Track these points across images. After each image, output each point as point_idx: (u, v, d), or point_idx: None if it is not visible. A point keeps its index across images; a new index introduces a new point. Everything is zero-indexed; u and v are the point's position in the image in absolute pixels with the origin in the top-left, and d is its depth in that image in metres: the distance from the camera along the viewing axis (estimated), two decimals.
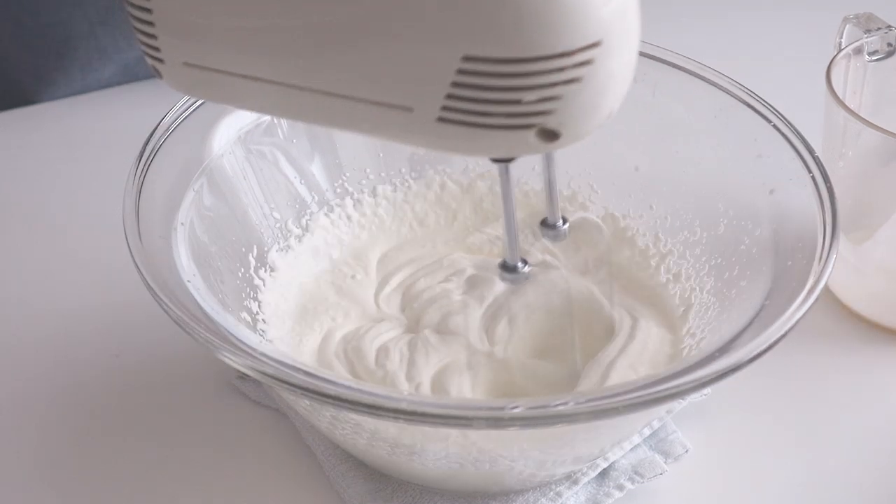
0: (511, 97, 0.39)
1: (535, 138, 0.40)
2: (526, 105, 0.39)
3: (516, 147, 0.41)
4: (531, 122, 0.40)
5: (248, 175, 0.60)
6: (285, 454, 0.58)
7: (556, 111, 0.40)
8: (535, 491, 0.56)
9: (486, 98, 0.40)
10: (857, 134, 0.60)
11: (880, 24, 0.64)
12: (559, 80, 0.39)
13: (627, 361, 0.56)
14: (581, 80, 0.39)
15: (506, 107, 0.40)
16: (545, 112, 0.40)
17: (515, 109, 0.40)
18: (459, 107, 0.40)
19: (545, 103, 0.39)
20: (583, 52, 0.39)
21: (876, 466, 0.58)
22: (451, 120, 0.40)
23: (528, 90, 0.39)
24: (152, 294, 0.48)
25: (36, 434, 0.60)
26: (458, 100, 0.40)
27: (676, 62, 0.61)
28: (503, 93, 0.39)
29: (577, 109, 0.40)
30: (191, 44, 0.44)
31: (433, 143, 0.42)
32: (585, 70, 0.39)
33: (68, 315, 0.66)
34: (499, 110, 0.40)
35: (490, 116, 0.40)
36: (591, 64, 0.39)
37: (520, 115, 0.40)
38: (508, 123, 0.40)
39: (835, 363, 0.64)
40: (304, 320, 0.60)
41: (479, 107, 0.40)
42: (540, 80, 0.39)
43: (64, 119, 0.83)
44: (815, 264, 0.50)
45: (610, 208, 0.65)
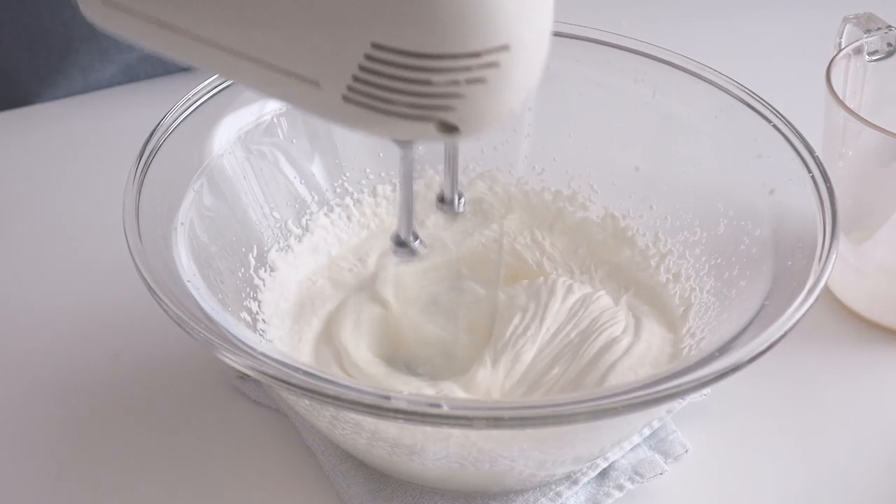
0: (414, 89, 0.40)
1: (433, 129, 0.41)
2: (428, 98, 0.40)
3: (415, 134, 0.42)
4: (432, 115, 0.41)
5: (248, 175, 0.60)
6: (285, 454, 0.58)
7: (457, 108, 0.41)
8: (535, 491, 0.56)
9: (390, 86, 0.40)
10: (857, 134, 0.60)
11: (880, 24, 0.64)
12: (464, 78, 0.40)
13: (629, 363, 0.56)
14: (485, 80, 0.40)
15: (408, 97, 0.40)
16: (446, 108, 0.41)
17: (417, 101, 0.41)
18: (364, 90, 0.41)
19: (447, 99, 0.40)
20: (490, 55, 0.39)
21: (876, 466, 0.58)
22: (355, 101, 0.41)
23: (431, 84, 0.40)
24: (152, 294, 0.48)
25: (36, 434, 0.60)
26: (364, 83, 0.41)
27: (676, 62, 0.61)
28: (407, 84, 0.40)
29: (478, 107, 0.41)
30: None
31: (337, 120, 0.43)
32: (490, 72, 0.40)
33: (68, 315, 0.66)
34: (401, 99, 0.41)
35: (392, 104, 0.41)
36: (497, 66, 0.40)
37: (421, 108, 0.41)
38: (410, 113, 0.41)
39: (835, 363, 0.64)
40: (302, 317, 0.60)
41: (382, 93, 0.41)
42: (444, 77, 0.40)
43: (64, 119, 0.83)
44: (815, 264, 0.50)
45: (610, 208, 0.65)
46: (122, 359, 0.63)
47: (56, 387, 0.62)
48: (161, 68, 0.85)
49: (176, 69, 0.84)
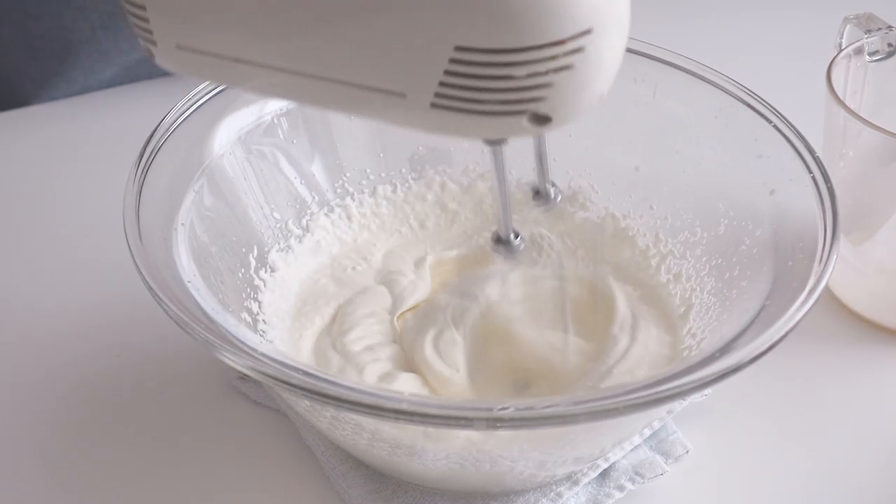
0: (503, 85, 0.40)
1: (527, 123, 0.41)
2: (518, 92, 0.40)
3: (508, 131, 0.42)
4: (523, 109, 0.41)
5: (249, 175, 0.60)
6: (285, 454, 0.58)
7: (548, 97, 0.40)
8: (536, 491, 0.56)
9: (478, 86, 0.40)
10: (857, 134, 0.60)
11: (880, 24, 0.64)
12: (551, 68, 0.40)
13: (627, 366, 0.56)
14: (572, 67, 0.40)
15: (498, 94, 0.40)
16: (537, 99, 0.40)
17: (507, 97, 0.40)
18: (452, 94, 0.41)
19: (537, 90, 0.40)
20: (574, 41, 0.39)
21: (876, 466, 0.58)
22: (443, 106, 0.41)
23: (519, 78, 0.40)
24: (152, 294, 0.48)
25: (36, 433, 0.60)
26: (451, 87, 0.40)
27: (676, 62, 0.61)
28: (495, 81, 0.40)
29: (568, 95, 0.41)
30: (183, 25, 0.44)
31: (427, 128, 0.43)
32: (576, 57, 0.40)
33: (68, 315, 0.66)
34: (491, 98, 0.40)
35: (482, 104, 0.40)
36: (582, 51, 0.40)
37: (512, 102, 0.40)
38: (501, 110, 0.41)
39: (835, 363, 0.64)
40: (302, 318, 0.60)
41: (471, 94, 0.40)
42: (532, 69, 0.39)
43: (64, 119, 0.83)
44: (816, 265, 0.50)
45: (610, 208, 0.65)
46: (122, 359, 0.63)
47: (56, 387, 0.62)
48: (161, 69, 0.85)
49: None
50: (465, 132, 0.43)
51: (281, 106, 0.61)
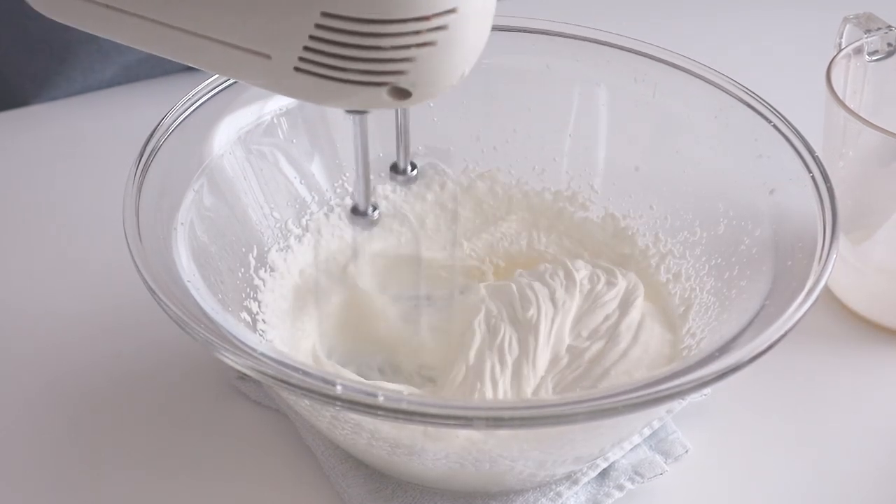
0: (366, 55, 0.41)
1: (387, 95, 0.42)
2: (380, 64, 0.41)
3: (369, 101, 0.43)
4: (384, 80, 0.42)
5: (248, 175, 0.60)
6: (285, 454, 0.58)
7: (409, 72, 0.42)
8: (536, 491, 0.56)
9: (341, 54, 0.41)
10: (857, 134, 0.60)
11: (880, 24, 0.64)
12: (414, 42, 0.41)
13: (625, 367, 0.56)
14: (435, 43, 0.41)
15: (360, 64, 0.41)
16: (398, 72, 0.41)
17: (369, 67, 0.41)
18: (316, 59, 0.42)
19: (399, 63, 0.41)
20: (439, 18, 0.40)
21: (876, 466, 0.58)
22: (307, 71, 0.42)
23: (382, 50, 0.41)
24: (152, 294, 0.48)
25: (36, 434, 0.60)
26: (315, 53, 0.41)
27: (676, 62, 0.61)
28: (359, 50, 0.41)
29: (429, 71, 0.42)
30: None
31: (290, 91, 0.44)
32: (440, 34, 0.41)
33: (68, 315, 0.66)
34: (354, 66, 0.41)
35: (345, 72, 0.42)
36: (446, 29, 0.41)
37: (373, 73, 0.42)
38: (362, 80, 0.42)
39: (834, 363, 0.64)
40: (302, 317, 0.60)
41: (334, 61, 0.41)
42: (395, 42, 0.41)
43: (64, 119, 0.83)
44: (815, 264, 0.50)
45: (610, 208, 0.65)
46: (122, 359, 0.63)
47: (56, 387, 0.62)
48: (161, 69, 0.85)
49: (176, 69, 0.84)
50: (326, 99, 0.44)
51: (281, 105, 0.61)
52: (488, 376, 0.56)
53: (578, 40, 0.63)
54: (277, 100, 0.60)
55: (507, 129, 0.65)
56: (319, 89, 0.43)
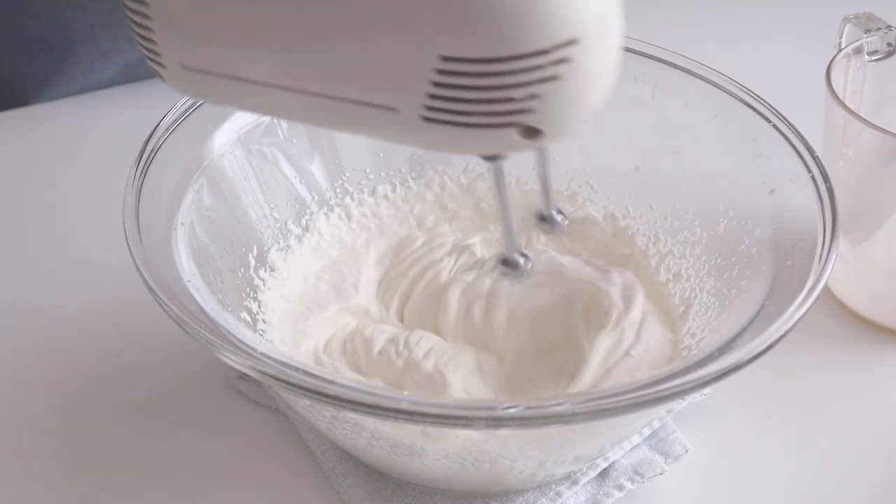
0: (490, 96, 0.40)
1: (517, 136, 0.41)
2: (506, 104, 0.40)
3: (501, 144, 0.42)
4: (512, 121, 0.41)
5: (248, 175, 0.60)
6: (285, 454, 0.58)
7: (537, 109, 0.40)
8: (535, 491, 0.56)
9: (466, 97, 0.40)
10: (857, 134, 0.60)
11: (880, 24, 0.64)
12: (537, 78, 0.39)
13: (626, 367, 0.56)
14: (560, 77, 0.40)
15: (486, 105, 0.40)
16: (526, 111, 0.40)
17: (496, 108, 0.40)
18: (442, 106, 0.41)
19: (525, 102, 0.40)
20: (559, 50, 0.39)
21: (876, 466, 0.58)
22: (435, 119, 0.41)
23: (506, 89, 0.40)
24: (152, 294, 0.48)
25: (36, 433, 0.60)
26: (440, 99, 0.40)
27: (676, 62, 0.61)
28: (482, 92, 0.40)
29: (558, 107, 0.40)
30: (188, 46, 0.44)
31: (422, 142, 0.43)
32: (564, 68, 0.39)
33: (68, 315, 0.66)
34: (480, 109, 0.40)
35: (472, 115, 0.40)
36: (570, 62, 0.39)
37: (501, 114, 0.40)
38: (490, 122, 0.41)
39: (835, 363, 0.64)
40: (303, 317, 0.60)
41: (460, 106, 0.40)
42: (518, 79, 0.39)
43: (64, 119, 0.83)
44: (815, 264, 0.50)
45: (610, 208, 0.65)
46: (122, 359, 0.63)
47: (56, 387, 0.62)
48: None
49: None
50: (458, 146, 0.43)
51: None
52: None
53: None
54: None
55: None
56: (451, 137, 0.41)
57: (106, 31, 0.82)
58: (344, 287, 0.62)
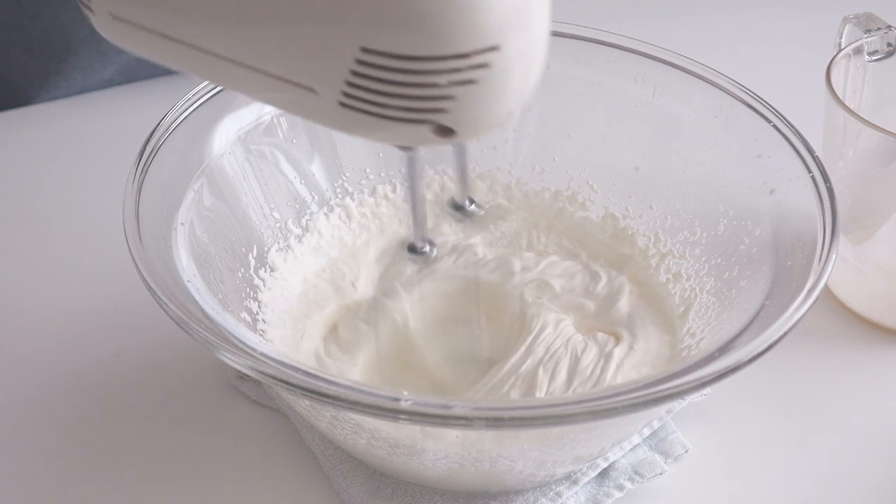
0: (406, 92, 0.40)
1: (430, 133, 0.42)
2: (420, 101, 0.40)
3: (413, 138, 0.43)
4: (426, 118, 0.41)
5: (248, 175, 0.60)
6: (285, 454, 0.58)
7: (451, 110, 0.41)
8: (535, 491, 0.56)
9: (382, 90, 0.40)
10: (857, 134, 0.60)
11: (880, 24, 0.64)
12: (454, 80, 0.40)
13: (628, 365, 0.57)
14: (476, 82, 0.40)
15: (401, 101, 0.41)
16: (440, 110, 0.41)
17: (411, 104, 0.41)
18: (358, 95, 0.41)
19: (439, 101, 0.40)
20: (479, 55, 0.39)
21: (876, 466, 0.58)
22: (351, 106, 0.41)
23: (422, 87, 0.40)
24: (152, 294, 0.48)
25: (36, 433, 0.60)
26: (357, 88, 0.41)
27: (676, 62, 0.61)
28: (399, 87, 0.40)
29: (472, 109, 0.41)
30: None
31: (336, 126, 0.44)
32: (481, 73, 0.40)
33: (68, 315, 0.66)
34: (395, 103, 0.41)
35: (387, 108, 0.41)
36: (488, 67, 0.40)
37: (415, 111, 0.41)
38: (404, 117, 0.41)
39: (834, 363, 0.64)
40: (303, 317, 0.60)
41: (376, 97, 0.41)
42: (434, 79, 0.40)
43: (64, 119, 0.83)
44: (815, 264, 0.50)
45: (610, 208, 0.65)
46: (122, 359, 0.63)
47: (56, 387, 0.62)
48: (161, 68, 0.85)
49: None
50: (372, 135, 0.43)
51: None
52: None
53: (579, 40, 0.63)
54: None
55: (506, 128, 0.65)
56: (365, 125, 0.42)
57: None
58: (343, 285, 0.62)
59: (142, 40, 0.45)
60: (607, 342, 0.58)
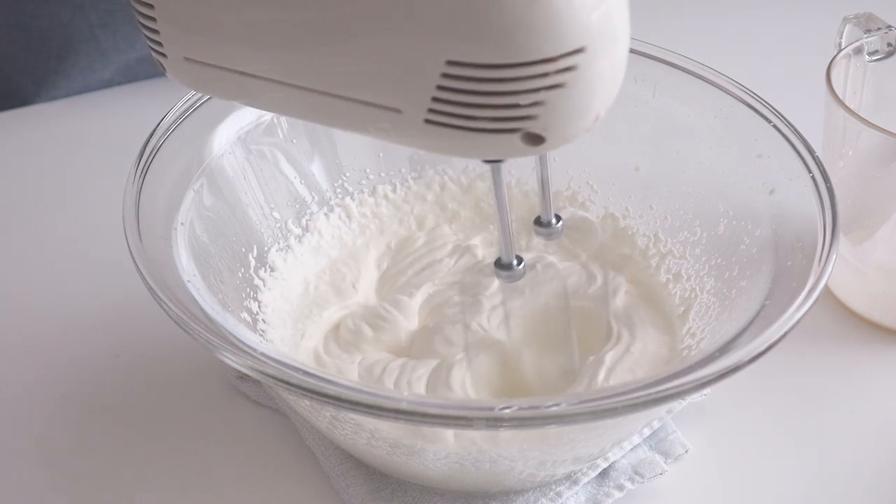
0: (495, 101, 0.40)
1: (520, 142, 0.41)
2: (510, 110, 0.40)
3: (503, 150, 0.42)
4: (516, 127, 0.40)
5: (248, 175, 0.60)
6: (285, 454, 0.58)
7: (541, 116, 0.40)
8: (535, 491, 0.56)
9: (470, 102, 0.40)
10: (857, 134, 0.60)
11: (880, 24, 0.64)
12: (542, 85, 0.39)
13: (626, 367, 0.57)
14: (565, 85, 0.40)
15: (490, 111, 0.40)
16: (529, 117, 0.40)
17: (500, 114, 0.40)
18: (445, 110, 0.41)
19: (529, 108, 0.40)
20: (566, 59, 0.39)
21: (876, 466, 0.58)
22: (437, 122, 0.41)
23: (511, 95, 0.40)
24: (152, 294, 0.48)
25: (36, 433, 0.60)
26: (444, 103, 0.40)
27: (676, 62, 0.61)
28: (487, 97, 0.40)
29: (561, 114, 0.40)
30: (191, 38, 0.45)
31: (423, 144, 0.43)
32: (569, 76, 0.39)
33: (68, 315, 0.66)
34: (483, 114, 0.40)
35: (475, 120, 0.40)
36: (575, 70, 0.39)
37: (504, 120, 0.40)
38: (493, 127, 0.41)
39: (834, 363, 0.64)
40: (303, 317, 0.60)
41: (463, 110, 0.40)
42: (523, 86, 0.39)
43: (64, 119, 0.83)
44: (815, 264, 0.50)
45: (610, 208, 0.65)
46: (122, 359, 0.63)
47: (56, 387, 0.62)
48: None
49: None
50: (460, 150, 0.43)
51: None
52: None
53: None
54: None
55: None
56: (452, 140, 0.41)
57: (106, 31, 0.82)
58: (343, 286, 0.62)
59: (217, 81, 0.45)
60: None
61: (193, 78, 0.46)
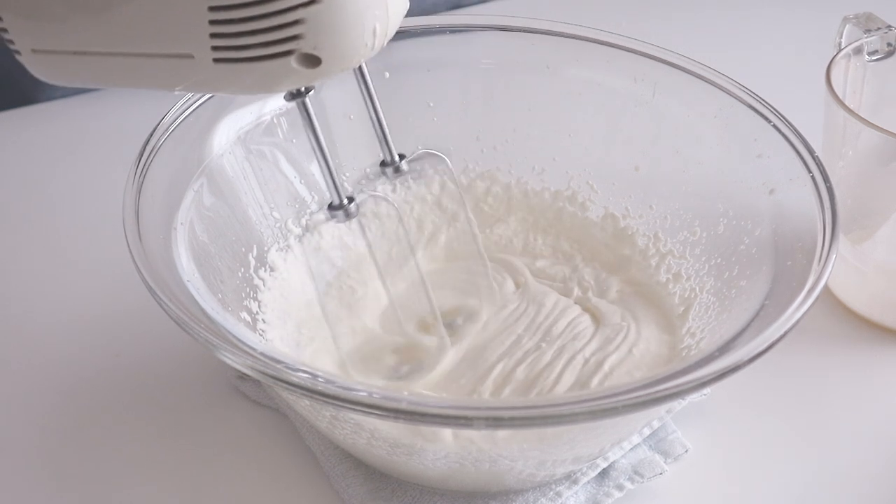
0: (259, 26, 0.43)
1: (298, 65, 0.44)
2: (276, 32, 0.43)
3: (286, 76, 0.45)
4: (287, 48, 0.44)
5: (248, 175, 0.60)
6: (285, 454, 0.58)
7: (308, 35, 0.43)
8: (535, 491, 0.56)
9: (241, 31, 0.43)
10: (856, 134, 0.60)
11: (880, 24, 0.64)
12: (298, 2, 0.43)
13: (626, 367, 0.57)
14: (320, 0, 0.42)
15: (258, 36, 0.43)
16: (297, 37, 0.43)
17: (268, 38, 0.43)
18: (224, 44, 0.44)
19: (293, 28, 0.43)
20: None
21: (876, 466, 0.58)
22: (224, 59, 0.44)
23: (271, 16, 0.43)
24: (152, 294, 0.48)
25: (36, 433, 0.60)
26: (222, 37, 0.44)
27: (676, 62, 0.61)
28: (251, 23, 0.43)
29: (329, 30, 0.43)
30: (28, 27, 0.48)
31: (220, 87, 0.47)
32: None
33: (68, 315, 0.66)
34: (254, 41, 0.44)
35: (250, 49, 0.44)
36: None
37: (274, 43, 0.44)
38: (267, 53, 0.44)
39: (835, 363, 0.64)
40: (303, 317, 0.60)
41: (238, 41, 0.44)
42: (280, 5, 0.43)
43: (64, 119, 0.83)
44: (815, 264, 0.50)
45: (610, 208, 0.65)
46: (122, 359, 0.63)
47: (56, 387, 0.62)
48: None
49: None
50: (252, 86, 0.46)
51: (280, 105, 0.61)
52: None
53: (578, 40, 0.63)
54: (277, 99, 0.60)
55: (506, 129, 0.65)
56: (242, 75, 0.45)
57: None
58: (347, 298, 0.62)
59: (63, 66, 0.48)
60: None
61: (45, 68, 0.49)
